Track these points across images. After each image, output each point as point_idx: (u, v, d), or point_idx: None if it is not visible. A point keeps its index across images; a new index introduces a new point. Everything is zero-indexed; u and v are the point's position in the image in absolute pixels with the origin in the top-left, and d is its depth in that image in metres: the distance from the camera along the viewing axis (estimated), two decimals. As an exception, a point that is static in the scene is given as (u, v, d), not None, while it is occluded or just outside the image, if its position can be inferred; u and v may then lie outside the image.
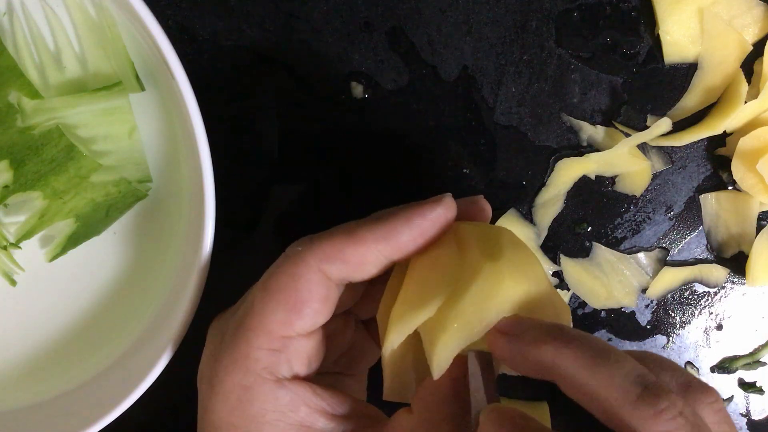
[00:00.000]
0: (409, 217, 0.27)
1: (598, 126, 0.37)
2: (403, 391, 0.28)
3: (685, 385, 0.24)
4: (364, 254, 0.27)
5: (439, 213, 0.27)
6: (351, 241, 0.27)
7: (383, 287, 0.29)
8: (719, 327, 0.39)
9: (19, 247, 0.35)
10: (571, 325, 0.26)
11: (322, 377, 0.30)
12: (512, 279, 0.25)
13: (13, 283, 0.35)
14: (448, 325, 0.25)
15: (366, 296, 0.31)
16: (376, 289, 0.30)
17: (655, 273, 0.38)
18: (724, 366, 0.39)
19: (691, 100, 0.37)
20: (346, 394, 0.29)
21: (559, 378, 0.24)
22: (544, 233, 0.38)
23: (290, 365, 0.27)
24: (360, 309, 0.32)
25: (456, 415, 0.25)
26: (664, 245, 0.39)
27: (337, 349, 0.32)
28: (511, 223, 0.38)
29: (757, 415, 0.40)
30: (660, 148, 0.38)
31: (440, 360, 0.25)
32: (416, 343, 0.27)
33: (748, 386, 0.40)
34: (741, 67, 0.36)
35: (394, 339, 0.26)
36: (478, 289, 0.25)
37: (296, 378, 0.28)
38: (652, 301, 0.39)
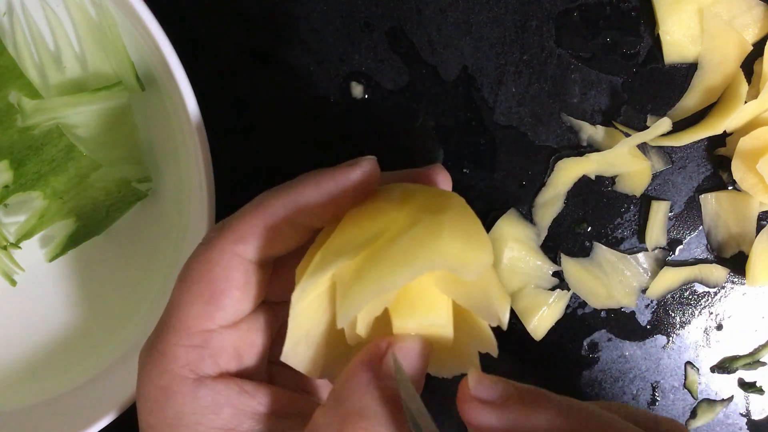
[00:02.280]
0: (318, 181, 0.25)
1: (598, 126, 0.37)
2: (302, 359, 0.25)
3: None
4: (275, 225, 0.25)
5: (353, 177, 0.24)
6: (259, 214, 0.25)
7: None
8: (719, 327, 0.39)
9: (19, 247, 0.35)
10: (505, 326, 0.23)
11: (273, 367, 0.27)
12: (451, 236, 0.22)
13: (13, 283, 0.35)
14: (366, 270, 0.22)
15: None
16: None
17: (655, 273, 0.38)
18: (724, 366, 0.39)
19: (691, 100, 0.37)
20: (283, 391, 0.26)
21: None
22: (544, 233, 0.38)
23: (216, 361, 0.25)
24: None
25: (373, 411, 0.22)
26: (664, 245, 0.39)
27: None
28: (511, 223, 0.38)
29: (757, 415, 0.40)
30: (660, 148, 0.38)
31: (350, 304, 0.22)
32: (333, 319, 0.25)
33: (748, 386, 0.40)
34: (741, 67, 0.36)
35: (304, 284, 0.23)
36: (409, 237, 0.22)
37: (224, 375, 0.25)
38: (652, 301, 0.39)
